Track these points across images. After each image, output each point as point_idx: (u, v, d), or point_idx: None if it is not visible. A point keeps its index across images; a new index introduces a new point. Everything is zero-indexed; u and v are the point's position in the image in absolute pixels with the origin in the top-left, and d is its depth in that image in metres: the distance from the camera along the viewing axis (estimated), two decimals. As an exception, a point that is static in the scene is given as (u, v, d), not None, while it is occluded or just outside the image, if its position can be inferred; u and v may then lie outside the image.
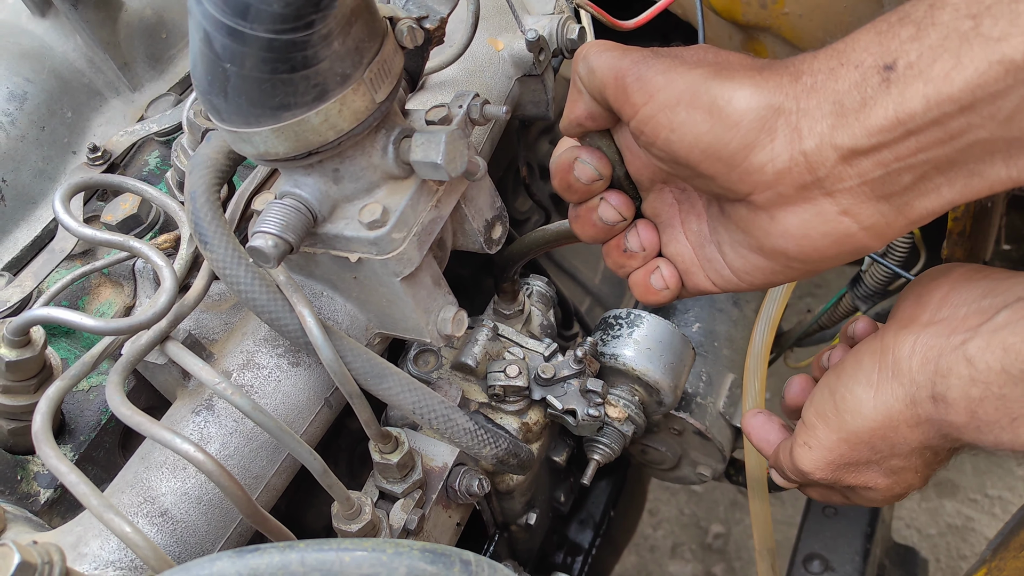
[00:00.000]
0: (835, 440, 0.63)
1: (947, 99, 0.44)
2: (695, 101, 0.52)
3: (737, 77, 0.51)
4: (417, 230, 0.60)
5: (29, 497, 0.67)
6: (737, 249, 0.58)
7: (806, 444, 0.65)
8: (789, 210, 0.51)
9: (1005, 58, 0.42)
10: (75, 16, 0.87)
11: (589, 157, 0.62)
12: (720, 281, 0.61)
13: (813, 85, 0.49)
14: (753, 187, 0.52)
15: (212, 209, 0.60)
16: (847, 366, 0.63)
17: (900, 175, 0.48)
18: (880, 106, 0.46)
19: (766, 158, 0.50)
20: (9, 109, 0.84)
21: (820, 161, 0.49)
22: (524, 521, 0.97)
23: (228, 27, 0.47)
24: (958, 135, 0.45)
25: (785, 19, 1.16)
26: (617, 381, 0.95)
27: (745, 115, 0.50)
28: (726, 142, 0.51)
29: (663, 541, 2.09)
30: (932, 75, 0.44)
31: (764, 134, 0.50)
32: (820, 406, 0.64)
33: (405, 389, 0.65)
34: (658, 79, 0.54)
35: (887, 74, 0.45)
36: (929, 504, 2.03)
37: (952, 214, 1.07)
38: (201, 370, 0.59)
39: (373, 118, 0.56)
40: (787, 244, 0.53)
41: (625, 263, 0.65)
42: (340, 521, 0.65)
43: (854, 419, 0.61)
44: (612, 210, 0.63)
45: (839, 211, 0.50)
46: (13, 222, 0.82)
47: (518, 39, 0.92)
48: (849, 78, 0.47)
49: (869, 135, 0.47)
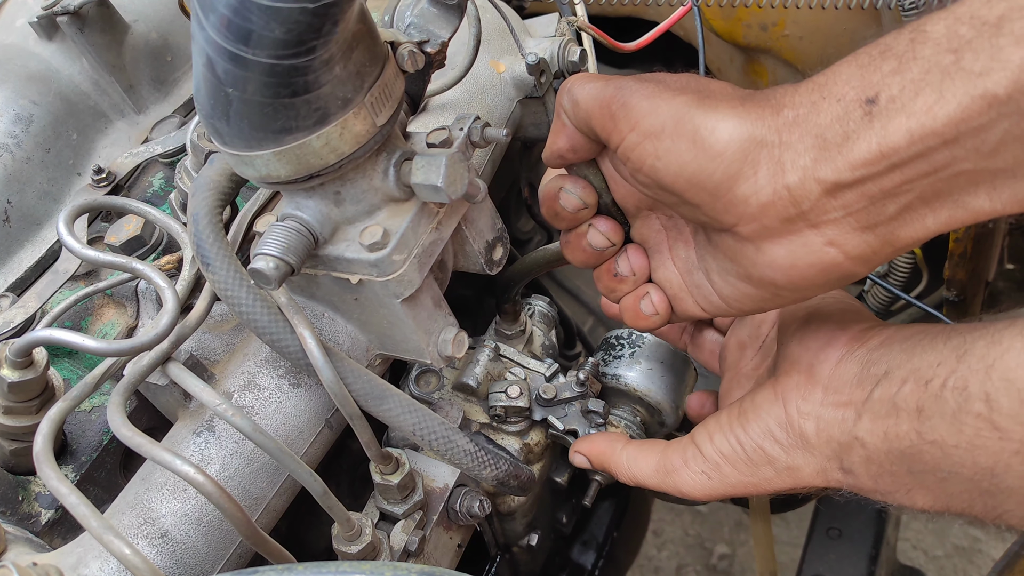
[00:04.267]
0: (741, 478, 0.64)
1: (930, 133, 0.44)
2: (679, 129, 0.52)
3: (721, 108, 0.51)
4: (418, 252, 0.60)
5: (30, 518, 0.67)
6: (725, 277, 0.57)
7: (705, 474, 0.65)
8: (775, 242, 0.51)
9: (987, 92, 0.42)
10: (81, 39, 0.88)
11: (573, 187, 0.62)
12: (709, 307, 0.61)
13: (795, 118, 0.48)
14: (738, 218, 0.52)
15: (214, 231, 0.60)
16: (750, 419, 0.63)
17: (885, 206, 0.48)
18: (863, 140, 0.46)
19: (750, 191, 0.50)
20: (15, 131, 0.85)
21: (804, 195, 0.49)
22: (526, 542, 0.97)
23: (230, 52, 0.48)
24: (942, 167, 0.45)
25: (785, 41, 1.17)
26: (619, 401, 0.95)
27: (728, 146, 0.50)
28: (710, 172, 0.51)
29: (667, 562, 2.07)
30: (914, 109, 0.44)
31: (747, 166, 0.50)
32: (727, 452, 0.64)
33: (406, 410, 0.65)
34: (643, 104, 0.54)
35: (869, 108, 0.45)
36: (936, 525, 2.01)
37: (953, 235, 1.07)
38: (202, 391, 0.60)
39: (374, 141, 0.56)
40: (774, 274, 0.53)
41: (616, 287, 0.65)
42: (340, 542, 0.65)
43: (765, 472, 0.62)
44: (600, 236, 0.64)
45: (825, 242, 0.50)
46: (18, 243, 0.83)
47: (519, 62, 0.92)
48: (831, 111, 0.47)
49: (852, 168, 0.47)
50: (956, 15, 0.43)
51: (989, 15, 0.41)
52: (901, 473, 0.55)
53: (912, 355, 0.54)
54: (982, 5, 0.42)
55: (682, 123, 0.52)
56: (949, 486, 0.53)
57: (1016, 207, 0.45)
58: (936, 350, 0.53)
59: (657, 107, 0.53)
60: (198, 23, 0.48)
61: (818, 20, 1.13)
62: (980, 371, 0.49)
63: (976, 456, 0.50)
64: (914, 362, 0.54)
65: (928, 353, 0.53)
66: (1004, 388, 0.48)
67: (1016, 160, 0.43)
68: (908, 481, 0.55)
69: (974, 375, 0.49)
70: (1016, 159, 0.43)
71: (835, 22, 1.11)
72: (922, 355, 0.54)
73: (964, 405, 0.49)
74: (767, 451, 0.61)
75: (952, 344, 0.52)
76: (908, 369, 0.54)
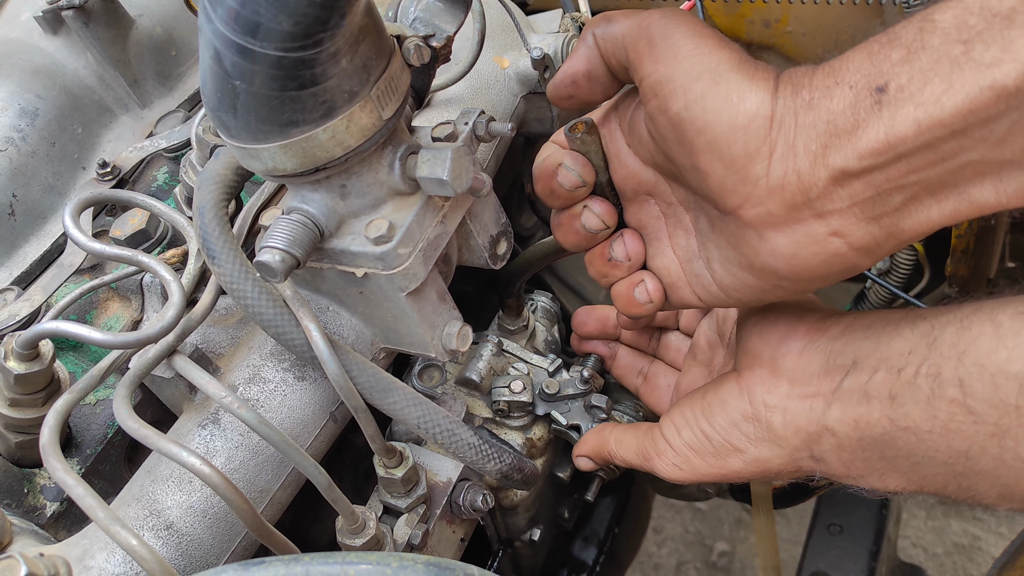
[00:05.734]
0: (710, 469, 0.65)
1: (938, 124, 0.44)
2: (715, 84, 0.50)
3: (757, 77, 0.50)
4: (423, 246, 0.61)
5: (36, 510, 0.67)
6: (726, 266, 0.57)
7: (677, 467, 0.67)
8: (779, 230, 0.51)
9: (996, 84, 0.42)
10: (86, 34, 0.88)
11: (573, 163, 0.61)
12: (707, 297, 0.60)
13: (811, 101, 0.48)
14: (744, 199, 0.51)
15: (220, 224, 0.60)
16: (715, 412, 0.64)
17: (890, 196, 0.48)
18: (872, 128, 0.46)
19: (761, 172, 0.50)
20: (21, 125, 0.85)
21: (812, 182, 0.48)
22: (528, 537, 0.97)
23: (238, 45, 0.48)
24: (949, 156, 0.45)
25: (788, 38, 1.17)
26: (621, 397, 0.95)
27: (754, 119, 0.49)
28: (731, 143, 0.50)
29: (668, 559, 2.08)
30: (923, 99, 0.44)
31: (766, 145, 0.49)
32: (695, 445, 0.66)
33: (410, 404, 0.65)
34: (687, 43, 0.52)
35: (879, 96, 0.45)
36: (936, 523, 2.02)
37: (955, 231, 1.07)
38: (208, 384, 0.60)
39: (380, 135, 0.57)
40: (776, 263, 0.52)
41: (609, 272, 0.64)
42: (344, 535, 0.65)
43: (734, 463, 0.64)
44: (595, 218, 0.62)
45: (829, 232, 0.50)
46: (23, 236, 0.83)
47: (523, 57, 0.92)
48: (844, 98, 0.47)
49: (860, 158, 0.46)
50: (965, 5, 0.43)
51: (1000, 7, 0.41)
52: (873, 459, 0.56)
53: (879, 343, 0.56)
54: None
55: (719, 79, 0.50)
56: (923, 469, 0.54)
57: (1021, 200, 0.46)
58: (904, 337, 0.54)
59: (699, 51, 0.51)
60: (206, 16, 0.49)
61: (821, 16, 1.13)
62: (952, 358, 0.50)
63: (951, 440, 0.51)
64: (882, 350, 0.55)
65: (896, 341, 0.55)
66: (977, 373, 0.49)
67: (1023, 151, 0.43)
68: (880, 466, 0.56)
69: (947, 362, 0.51)
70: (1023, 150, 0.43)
71: (838, 18, 1.11)
72: (889, 343, 0.55)
73: (938, 391, 0.51)
74: (734, 443, 0.63)
75: (920, 331, 0.53)
76: (877, 358, 0.55)
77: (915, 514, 2.03)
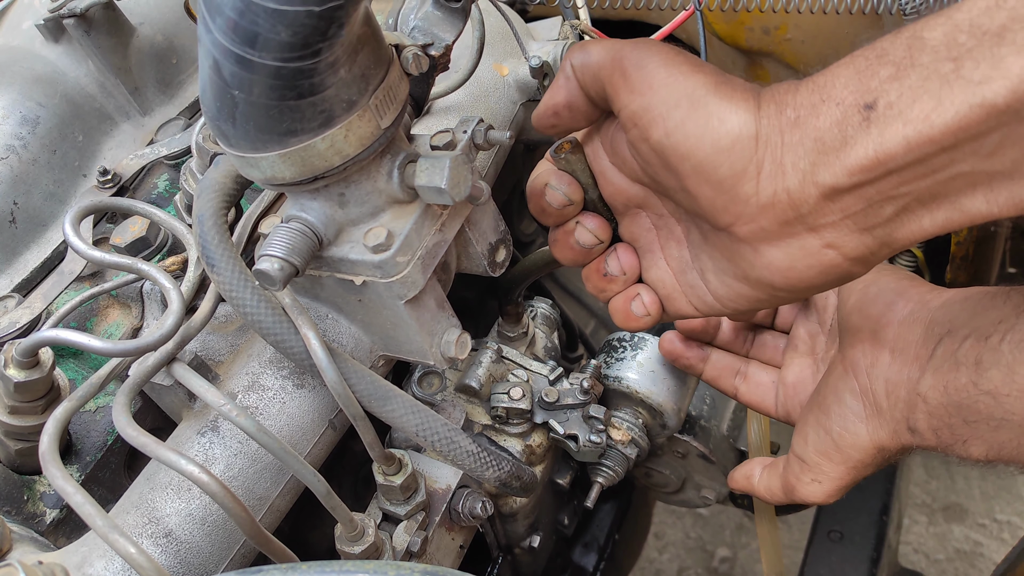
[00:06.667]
0: (843, 471, 0.68)
1: (927, 140, 0.44)
2: (693, 110, 0.51)
3: (735, 98, 0.51)
4: (421, 254, 0.61)
5: (35, 517, 0.67)
6: (721, 277, 0.57)
7: (815, 481, 0.70)
8: (773, 244, 0.51)
9: (986, 101, 0.42)
10: (87, 42, 0.88)
11: (559, 183, 0.62)
12: (703, 307, 0.61)
13: (796, 120, 0.48)
14: (736, 218, 0.51)
15: (219, 232, 0.61)
16: (830, 403, 0.68)
17: (882, 207, 0.48)
18: (860, 145, 0.46)
19: (751, 191, 0.50)
20: (22, 133, 0.85)
21: (803, 199, 0.48)
22: (527, 544, 0.97)
23: (237, 55, 0.48)
24: (940, 169, 0.45)
25: (787, 45, 1.18)
26: (621, 404, 0.95)
27: (737, 141, 0.50)
28: (716, 165, 0.50)
29: (669, 565, 2.07)
30: (912, 116, 0.44)
31: (752, 165, 0.49)
32: (819, 445, 0.69)
33: (409, 411, 0.65)
34: (660, 72, 0.52)
35: (867, 113, 0.45)
36: (937, 529, 2.01)
37: (955, 238, 1.07)
38: (207, 391, 0.60)
39: (378, 143, 0.57)
40: (772, 276, 0.53)
41: (606, 287, 0.65)
42: (343, 543, 0.65)
43: (856, 452, 0.67)
44: (588, 234, 0.63)
45: (823, 244, 0.50)
46: (24, 244, 0.83)
47: (522, 65, 0.93)
48: (831, 115, 0.47)
49: (850, 174, 0.46)
50: (954, 22, 0.42)
51: (990, 24, 0.41)
52: (958, 424, 0.59)
53: (974, 314, 0.59)
54: (982, 14, 0.41)
55: (697, 104, 0.51)
56: (1000, 434, 0.57)
57: (1013, 210, 0.46)
58: (997, 308, 0.58)
59: (674, 78, 0.52)
60: (205, 26, 0.49)
61: (820, 24, 1.13)
62: None
63: None
64: (976, 320, 0.58)
65: (990, 311, 0.58)
66: None
67: (1014, 163, 0.43)
68: (964, 432, 0.59)
69: None
70: (1014, 162, 0.43)
71: (837, 26, 1.12)
72: (984, 313, 0.58)
73: (1019, 356, 0.54)
74: (849, 428, 0.66)
75: (1013, 302, 0.57)
76: (971, 327, 0.58)
77: (917, 520, 2.03)
